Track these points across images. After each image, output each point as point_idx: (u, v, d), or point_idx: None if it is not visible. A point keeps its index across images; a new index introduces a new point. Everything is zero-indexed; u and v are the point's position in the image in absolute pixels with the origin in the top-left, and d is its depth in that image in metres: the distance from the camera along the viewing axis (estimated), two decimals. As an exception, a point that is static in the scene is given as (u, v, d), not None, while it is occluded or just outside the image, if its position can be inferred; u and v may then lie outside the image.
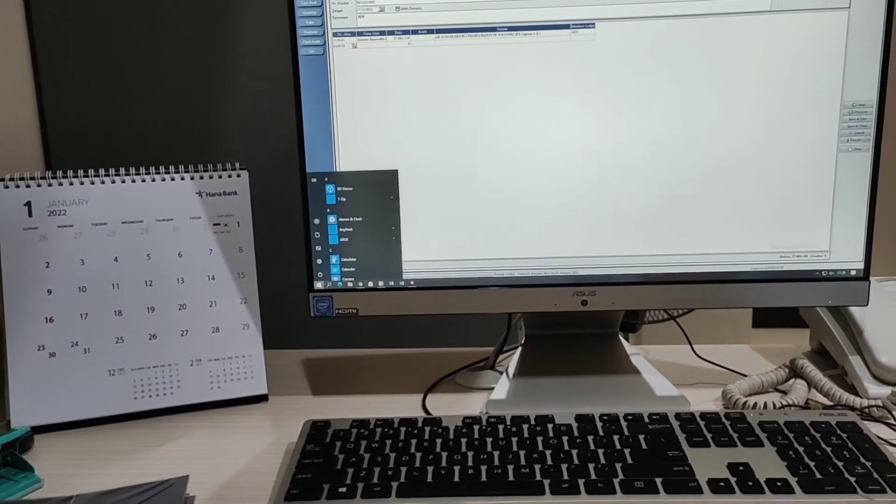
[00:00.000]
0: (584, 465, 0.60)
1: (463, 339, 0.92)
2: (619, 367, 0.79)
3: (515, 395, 0.75)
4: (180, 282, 0.75)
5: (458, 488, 0.58)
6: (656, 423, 0.65)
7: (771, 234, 0.71)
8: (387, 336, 0.94)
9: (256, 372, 0.77)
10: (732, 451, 0.61)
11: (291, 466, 0.61)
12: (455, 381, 0.82)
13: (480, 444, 0.63)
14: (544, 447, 0.62)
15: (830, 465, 0.58)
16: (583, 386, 0.75)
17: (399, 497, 0.57)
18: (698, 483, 0.57)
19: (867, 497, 0.55)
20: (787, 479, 0.57)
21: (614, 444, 0.62)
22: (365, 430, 0.66)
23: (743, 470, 0.58)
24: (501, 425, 0.66)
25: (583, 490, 0.57)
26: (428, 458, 0.61)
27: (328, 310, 0.75)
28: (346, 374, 0.84)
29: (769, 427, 0.64)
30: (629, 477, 0.58)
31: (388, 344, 0.92)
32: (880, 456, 0.59)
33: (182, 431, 0.71)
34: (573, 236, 0.72)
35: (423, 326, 0.95)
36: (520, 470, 0.59)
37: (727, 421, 0.65)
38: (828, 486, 0.56)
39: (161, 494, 0.56)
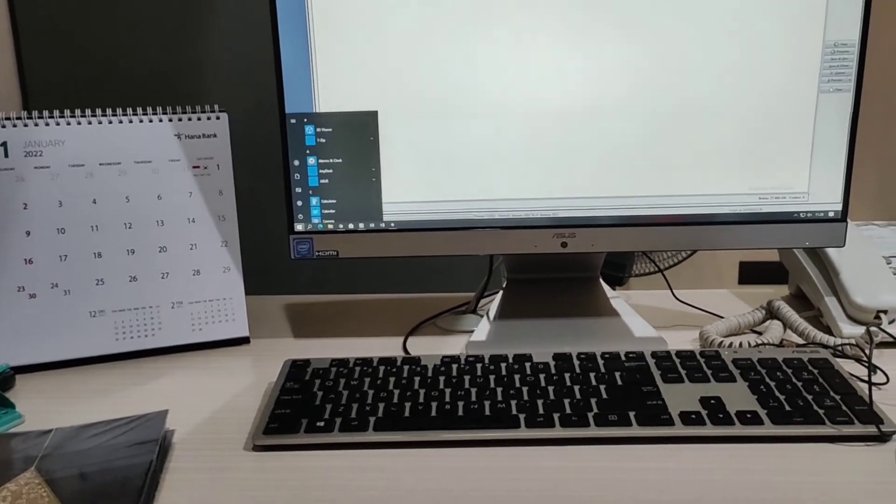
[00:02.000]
0: (560, 401, 0.61)
1: (445, 284, 0.92)
2: (599, 309, 0.79)
3: (495, 336, 0.76)
4: (160, 224, 0.74)
5: (434, 423, 0.59)
6: (632, 361, 0.66)
7: (750, 175, 0.71)
8: (369, 282, 0.94)
9: (238, 315, 0.77)
10: (705, 387, 0.62)
11: (271, 403, 0.62)
12: (436, 324, 0.83)
13: (458, 382, 0.64)
14: (521, 384, 0.63)
15: (800, 399, 0.59)
16: (563, 328, 0.76)
17: (376, 431, 0.58)
18: (670, 415, 0.58)
19: (835, 427, 0.56)
20: (756, 412, 0.58)
21: (590, 380, 0.63)
22: (344, 369, 0.66)
23: (714, 403, 0.59)
24: (480, 364, 0.67)
25: (557, 423, 0.58)
26: (406, 394, 0.62)
27: (308, 252, 0.75)
28: (327, 319, 0.85)
29: (742, 364, 0.65)
30: (603, 411, 0.59)
31: (370, 290, 0.92)
32: (850, 390, 0.60)
33: (163, 372, 0.72)
34: (553, 178, 0.72)
35: (405, 273, 0.95)
36: (496, 405, 0.60)
37: (702, 358, 0.66)
38: (796, 417, 0.57)
39: (140, 427, 0.56)
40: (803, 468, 0.53)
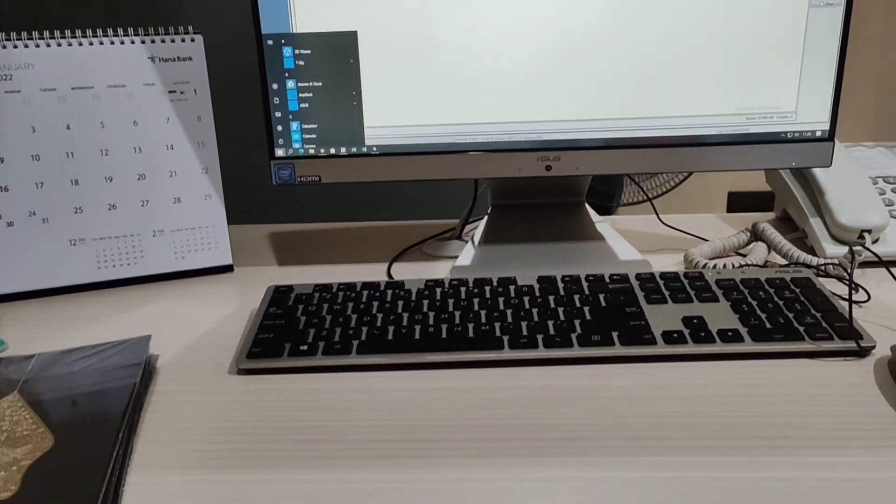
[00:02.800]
0: (544, 322, 0.61)
1: (430, 210, 0.92)
2: (584, 234, 0.79)
3: (480, 261, 0.75)
4: (137, 151, 0.73)
5: (418, 345, 0.59)
6: (617, 283, 0.66)
7: (737, 95, 0.69)
8: (354, 209, 0.93)
9: (220, 242, 0.77)
10: (688, 307, 0.62)
11: (254, 328, 0.62)
12: (421, 250, 0.82)
13: (442, 306, 0.64)
14: (505, 307, 0.63)
15: (781, 317, 0.60)
16: (547, 252, 0.76)
17: (359, 354, 0.58)
18: (653, 335, 0.59)
19: (815, 343, 0.57)
20: (737, 330, 0.58)
21: (574, 302, 0.63)
22: (327, 294, 0.66)
23: (697, 322, 0.60)
24: (464, 287, 0.66)
25: (541, 344, 0.58)
26: (389, 318, 0.62)
27: (290, 178, 0.74)
28: (312, 247, 0.84)
29: (725, 284, 0.65)
30: (586, 332, 0.59)
31: (355, 217, 0.92)
32: (831, 307, 0.60)
33: (147, 299, 0.71)
34: (537, 100, 0.70)
35: (390, 200, 0.95)
36: (480, 328, 0.60)
37: (685, 280, 0.66)
38: (777, 334, 0.58)
39: (123, 351, 0.56)
40: (783, 382, 0.54)
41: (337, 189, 0.92)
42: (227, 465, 0.47)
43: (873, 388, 0.53)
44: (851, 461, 0.45)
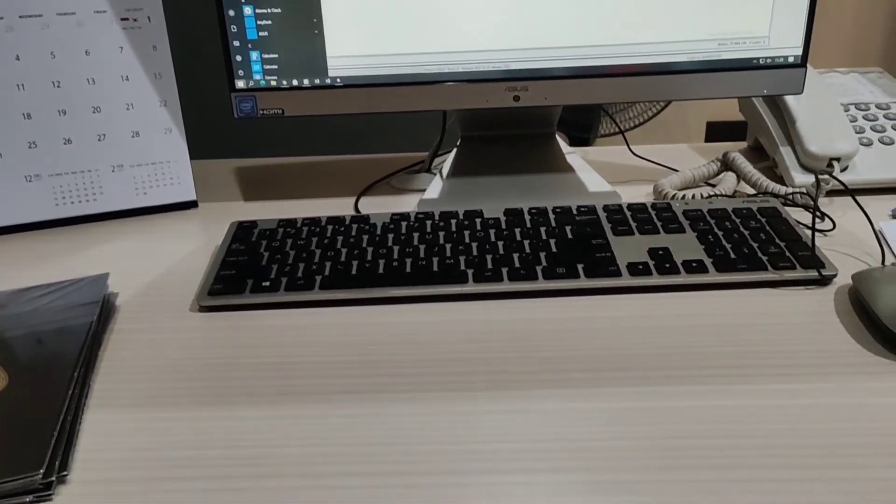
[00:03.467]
0: (509, 255, 0.60)
1: (399, 144, 0.90)
2: (554, 165, 0.78)
3: (448, 194, 0.74)
4: (91, 83, 0.70)
5: (382, 280, 0.58)
6: (584, 215, 0.65)
7: (709, 19, 0.67)
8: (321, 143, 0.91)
9: (183, 177, 0.75)
10: (654, 238, 0.62)
11: (216, 265, 0.61)
12: (390, 183, 0.81)
13: (407, 239, 0.63)
14: (471, 240, 0.63)
15: (746, 247, 0.59)
16: (516, 184, 0.75)
17: (322, 289, 0.58)
18: (618, 267, 0.58)
19: (777, 273, 0.57)
20: (702, 260, 0.58)
21: (540, 235, 0.63)
22: (291, 229, 0.65)
23: (662, 254, 0.59)
24: (430, 221, 0.66)
25: (505, 277, 0.58)
26: (354, 253, 0.61)
27: (252, 110, 0.71)
28: (278, 181, 0.83)
29: (692, 215, 0.64)
30: (552, 264, 0.59)
31: (322, 151, 0.90)
32: (795, 237, 0.60)
33: (107, 236, 0.70)
34: (504, 29, 0.68)
35: (358, 133, 0.93)
36: (445, 261, 0.60)
37: (653, 211, 0.65)
38: (740, 264, 0.58)
39: (81, 290, 0.56)
40: (746, 312, 0.54)
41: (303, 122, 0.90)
42: (184, 402, 0.47)
43: (833, 316, 0.53)
44: (808, 388, 0.46)
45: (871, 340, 0.50)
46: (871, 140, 0.73)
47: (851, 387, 0.46)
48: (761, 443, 0.42)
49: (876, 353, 0.49)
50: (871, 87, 0.80)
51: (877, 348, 0.49)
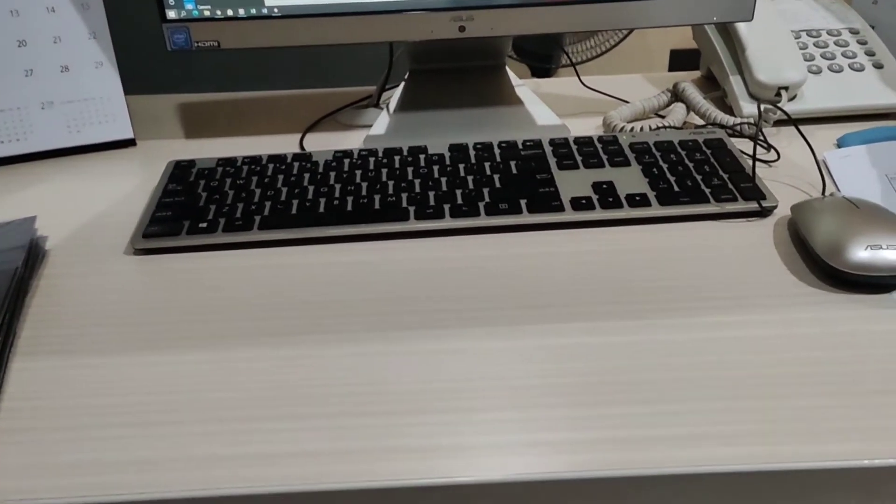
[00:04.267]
0: (452, 192, 0.59)
1: (347, 78, 0.87)
2: (503, 98, 0.76)
3: (394, 129, 0.73)
4: (14, 15, 0.67)
5: (322, 219, 0.57)
6: (529, 150, 0.64)
7: (659, -56, 0.65)
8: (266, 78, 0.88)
9: (118, 115, 0.72)
10: (599, 172, 0.61)
11: (151, 206, 0.59)
12: (337, 119, 0.79)
13: (349, 177, 0.62)
14: (414, 177, 0.61)
15: (689, 179, 0.59)
16: (464, 118, 0.73)
17: (262, 229, 0.56)
18: (561, 202, 0.58)
19: (719, 205, 0.57)
20: (646, 194, 0.58)
21: (485, 170, 0.62)
22: (231, 168, 0.63)
23: (606, 188, 0.59)
24: (373, 158, 0.64)
25: (447, 214, 0.57)
26: (294, 192, 0.60)
27: (186, 43, 0.68)
28: (221, 118, 0.80)
29: (638, 147, 0.64)
30: (494, 200, 0.58)
31: (267, 87, 0.87)
32: (738, 168, 0.60)
33: (37, 178, 0.67)
34: (448, -48, 0.65)
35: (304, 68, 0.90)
36: (386, 199, 0.59)
37: (599, 144, 0.64)
38: (683, 197, 0.57)
39: (6, 234, 0.54)
40: (687, 245, 0.54)
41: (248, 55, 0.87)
42: (116, 348, 0.46)
43: (771, 248, 0.53)
44: (739, 320, 0.46)
45: (806, 271, 0.50)
46: (821, 68, 0.72)
47: (781, 318, 0.46)
48: (689, 375, 0.42)
49: (809, 283, 0.49)
50: (823, 13, 0.78)
51: (811, 279, 0.49)
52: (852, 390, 0.41)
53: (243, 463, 0.38)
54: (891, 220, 0.49)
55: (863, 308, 0.46)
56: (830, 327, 0.45)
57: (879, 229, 0.48)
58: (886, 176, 0.58)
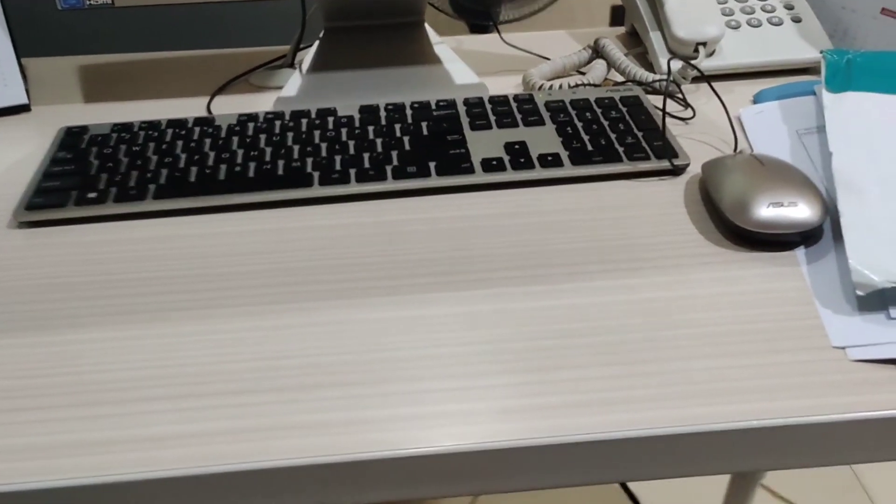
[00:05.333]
0: (360, 156, 0.57)
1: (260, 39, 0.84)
2: (421, 57, 0.74)
3: (306, 91, 0.70)
4: None
5: (222, 186, 0.54)
6: (442, 110, 0.62)
7: None
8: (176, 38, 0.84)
9: (10, 78, 0.68)
10: (513, 132, 0.59)
11: (38, 176, 0.56)
12: (249, 81, 0.75)
13: (253, 142, 0.59)
14: (321, 140, 0.59)
15: (604, 138, 0.58)
16: (380, 78, 0.71)
17: (156, 199, 0.54)
18: (471, 164, 0.56)
19: (631, 164, 0.56)
20: (558, 154, 0.56)
21: (395, 132, 0.60)
22: (127, 134, 0.60)
23: (518, 148, 0.57)
24: (279, 121, 0.61)
25: (353, 179, 0.55)
26: (194, 158, 0.57)
27: (77, 1, 0.64)
28: (124, 81, 0.76)
29: (554, 106, 0.62)
30: (403, 164, 0.56)
31: (175, 47, 0.83)
32: (653, 126, 0.59)
33: (-80, 149, 0.63)
34: None
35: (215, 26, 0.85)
36: (291, 164, 0.56)
37: (515, 103, 0.63)
38: (596, 157, 0.56)
39: None
40: (598, 206, 0.53)
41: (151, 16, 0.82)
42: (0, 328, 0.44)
43: (682, 207, 0.53)
44: (644, 282, 0.45)
45: (714, 230, 0.50)
46: (740, 23, 0.71)
47: (685, 279, 0.45)
48: (591, 341, 0.42)
49: (716, 243, 0.48)
50: (745, -34, 0.77)
51: (718, 238, 0.49)
52: (751, 350, 0.40)
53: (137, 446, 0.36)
54: (793, 178, 0.48)
55: (765, 266, 0.46)
56: (733, 286, 0.44)
57: (782, 187, 0.47)
58: (797, 132, 0.57)
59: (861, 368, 0.38)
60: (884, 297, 0.41)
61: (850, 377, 0.37)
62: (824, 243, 0.47)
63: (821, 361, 0.39)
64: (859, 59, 0.58)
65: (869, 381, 0.37)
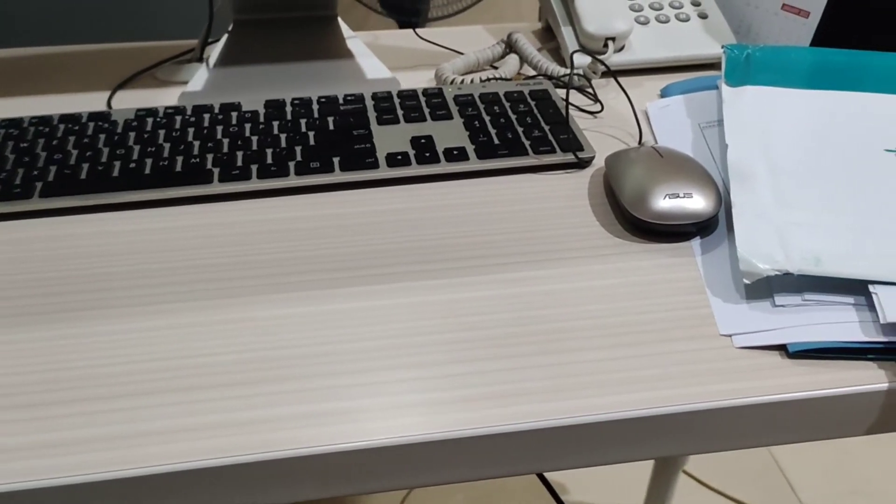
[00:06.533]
0: (263, 151, 0.56)
1: (169, 31, 0.81)
2: (333, 52, 0.72)
3: (213, 85, 0.68)
4: None
5: (114, 184, 0.52)
6: (350, 105, 0.61)
7: None
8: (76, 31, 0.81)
9: None
10: (420, 126, 0.59)
11: (-84, 175, 0.53)
12: (155, 76, 0.73)
13: (151, 138, 0.57)
14: (223, 136, 0.57)
15: (510, 132, 0.58)
16: (290, 73, 0.69)
17: (43, 197, 0.51)
18: (376, 159, 0.55)
19: (537, 158, 0.56)
20: (464, 148, 0.56)
21: (300, 128, 0.58)
22: (15, 130, 0.57)
23: (424, 142, 0.57)
24: (179, 116, 0.59)
25: (255, 175, 0.53)
26: (86, 154, 0.55)
27: (-38, -9, 0.61)
28: (23, 76, 0.72)
29: (462, 100, 0.61)
30: (306, 159, 0.55)
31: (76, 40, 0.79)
32: (560, 119, 0.59)
33: None
34: None
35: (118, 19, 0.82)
36: (189, 160, 0.54)
37: (424, 98, 0.62)
38: (502, 150, 0.56)
39: None
40: (503, 199, 0.53)
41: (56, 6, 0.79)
42: None
43: (585, 200, 0.53)
44: (541, 274, 0.45)
45: (614, 222, 0.50)
46: (649, 19, 0.72)
47: (583, 270, 0.45)
48: (486, 334, 0.41)
49: (616, 234, 0.49)
50: (655, -37, 0.78)
51: (618, 230, 0.49)
52: (642, 340, 0.40)
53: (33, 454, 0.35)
54: (690, 169, 0.49)
55: (662, 257, 0.46)
56: (630, 277, 0.45)
57: (678, 178, 0.48)
58: (699, 125, 0.58)
59: (745, 355, 0.38)
60: (770, 285, 0.41)
61: (734, 364, 0.38)
62: (719, 234, 0.48)
63: (708, 350, 0.39)
64: (758, 54, 0.59)
65: (752, 367, 0.37)
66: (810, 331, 0.38)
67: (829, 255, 0.40)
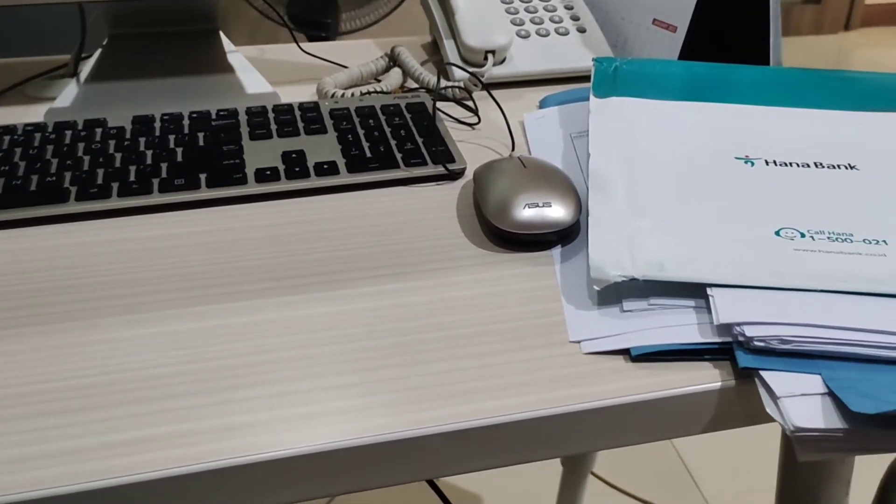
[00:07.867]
0: (126, 169, 0.54)
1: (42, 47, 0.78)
2: (212, 66, 0.71)
3: (83, 101, 0.65)
4: None
5: (-39, 204, 0.50)
6: (222, 120, 0.60)
7: None
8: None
9: None
10: (293, 141, 0.58)
11: None
12: (24, 92, 0.70)
13: (6, 156, 0.54)
14: (84, 153, 0.55)
15: (383, 145, 0.57)
16: (165, 88, 0.67)
17: None
18: (245, 174, 0.54)
19: (408, 170, 0.56)
20: (335, 162, 0.56)
21: (168, 143, 0.57)
22: None
23: (296, 157, 0.56)
24: (39, 134, 0.57)
25: (115, 193, 0.52)
26: (-68, 175, 0.52)
27: None
28: None
29: (338, 114, 0.61)
30: (172, 176, 0.53)
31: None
32: (434, 133, 0.59)
33: None
34: None
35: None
36: (45, 179, 0.52)
37: (299, 112, 0.61)
38: (373, 163, 0.55)
39: None
40: (373, 212, 0.52)
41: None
42: None
43: (453, 211, 0.53)
44: (398, 287, 0.45)
45: (480, 233, 0.50)
46: (529, 32, 0.73)
47: (442, 282, 0.45)
48: (340, 349, 0.41)
49: (479, 245, 0.49)
50: (537, -22, 0.80)
51: (482, 240, 0.49)
52: (494, 349, 0.40)
53: None
54: (552, 179, 0.49)
55: (522, 266, 0.47)
56: (489, 288, 0.45)
57: (539, 188, 0.48)
58: (570, 135, 0.59)
59: (591, 361, 0.39)
60: (619, 291, 0.42)
61: (578, 370, 0.38)
62: (580, 242, 0.49)
63: (556, 357, 0.39)
64: (625, 67, 0.61)
65: (596, 372, 0.38)
66: (651, 334, 0.39)
67: (672, 261, 0.41)
